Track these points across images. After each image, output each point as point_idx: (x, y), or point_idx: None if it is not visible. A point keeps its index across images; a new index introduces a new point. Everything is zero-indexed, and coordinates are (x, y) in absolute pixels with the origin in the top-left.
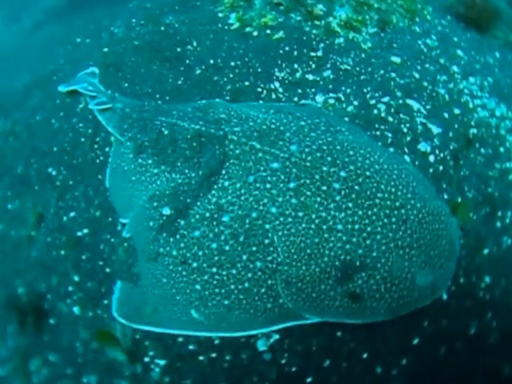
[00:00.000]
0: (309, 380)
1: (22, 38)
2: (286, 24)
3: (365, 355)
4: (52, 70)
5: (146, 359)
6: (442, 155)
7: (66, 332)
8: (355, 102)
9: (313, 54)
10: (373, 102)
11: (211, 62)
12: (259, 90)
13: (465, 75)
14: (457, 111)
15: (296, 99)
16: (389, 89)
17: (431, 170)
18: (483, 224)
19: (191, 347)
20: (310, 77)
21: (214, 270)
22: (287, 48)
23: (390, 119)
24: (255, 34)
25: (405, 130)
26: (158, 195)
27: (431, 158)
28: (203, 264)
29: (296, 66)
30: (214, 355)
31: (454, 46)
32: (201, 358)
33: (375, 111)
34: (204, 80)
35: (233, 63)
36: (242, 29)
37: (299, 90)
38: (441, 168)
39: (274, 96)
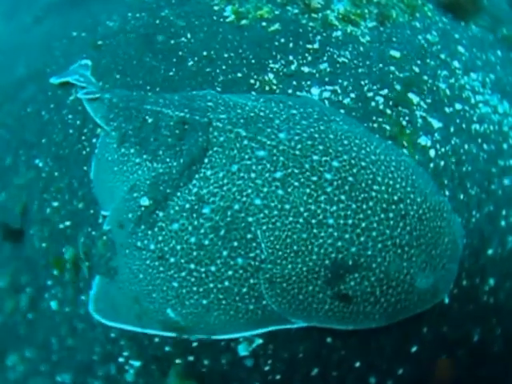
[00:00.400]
0: None
1: (21, 33)
2: (283, 16)
3: (357, 364)
4: (46, 63)
5: (121, 359)
6: (443, 150)
7: (42, 327)
8: (352, 95)
9: (309, 46)
10: (370, 94)
11: (204, 53)
12: (252, 81)
13: (466, 71)
14: (458, 106)
15: (290, 91)
16: (387, 82)
17: (432, 165)
18: (487, 223)
19: (167, 349)
20: (306, 69)
21: (192, 266)
22: (282, 40)
23: (389, 112)
24: (250, 26)
25: (404, 123)
26: (138, 185)
27: (432, 153)
28: (181, 259)
29: (291, 57)
30: (191, 359)
31: (455, 42)
32: (177, 361)
33: (373, 104)
34: (196, 71)
35: (226, 55)
36: (238, 21)
37: (294, 82)
38: (442, 163)
39: (267, 88)
